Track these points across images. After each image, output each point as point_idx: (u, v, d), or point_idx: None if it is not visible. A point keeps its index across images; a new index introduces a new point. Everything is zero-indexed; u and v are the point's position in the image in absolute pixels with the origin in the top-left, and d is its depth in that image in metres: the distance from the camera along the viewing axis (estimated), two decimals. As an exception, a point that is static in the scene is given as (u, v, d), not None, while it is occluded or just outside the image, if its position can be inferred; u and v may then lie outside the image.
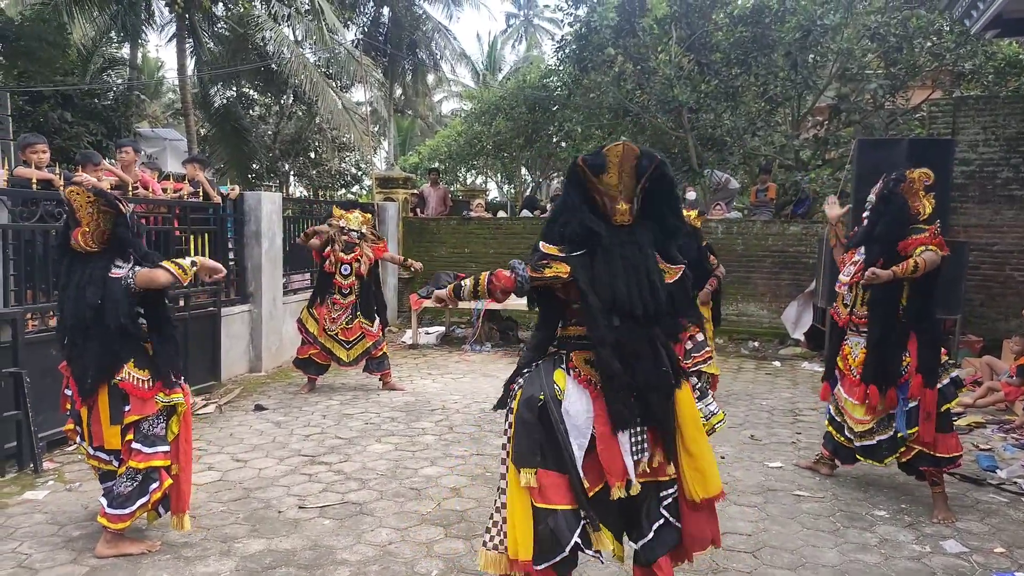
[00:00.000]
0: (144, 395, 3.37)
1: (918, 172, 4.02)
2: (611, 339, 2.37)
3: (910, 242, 3.88)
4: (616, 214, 2.43)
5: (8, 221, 4.76)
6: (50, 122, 11.98)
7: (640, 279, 2.39)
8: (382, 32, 22.27)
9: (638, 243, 2.43)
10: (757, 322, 9.75)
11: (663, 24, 11.01)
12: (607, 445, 2.41)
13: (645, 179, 2.40)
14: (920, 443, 3.91)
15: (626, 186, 2.40)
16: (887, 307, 3.93)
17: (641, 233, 2.45)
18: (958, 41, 9.65)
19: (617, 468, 2.41)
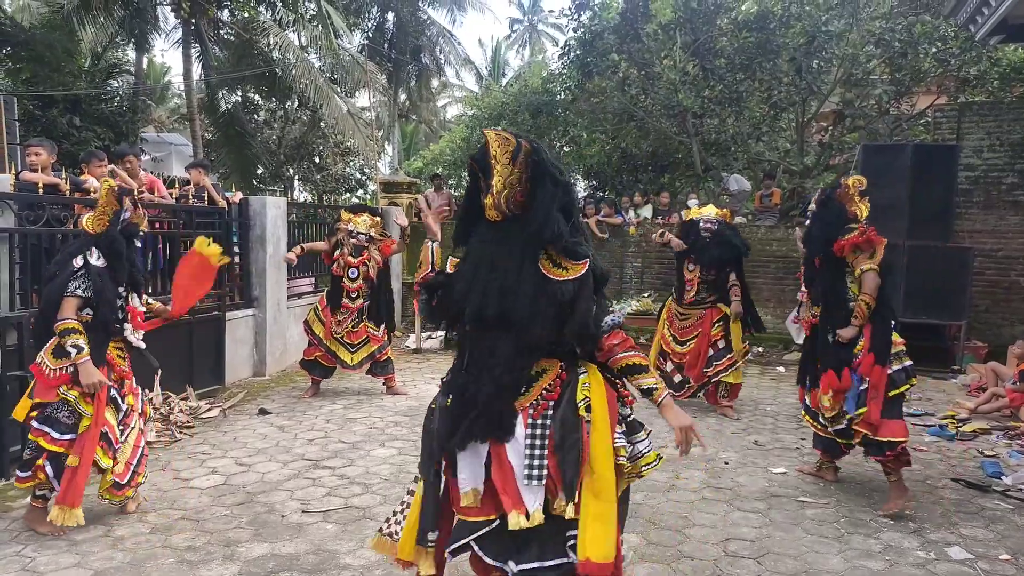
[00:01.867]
0: (46, 383, 3.55)
1: (852, 179, 4.27)
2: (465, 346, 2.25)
3: (843, 242, 4.10)
4: (486, 209, 2.22)
5: (14, 225, 4.78)
6: (58, 126, 12.04)
7: (493, 280, 2.16)
8: (387, 37, 22.34)
9: (506, 240, 2.20)
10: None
11: (667, 29, 11.03)
12: (499, 463, 2.20)
13: (520, 168, 2.17)
14: (865, 425, 3.98)
15: (502, 178, 2.17)
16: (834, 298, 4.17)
17: (514, 229, 2.20)
18: (963, 47, 9.64)
19: (511, 491, 2.17)
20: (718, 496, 4.28)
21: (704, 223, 6.12)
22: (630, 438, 2.39)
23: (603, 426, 2.25)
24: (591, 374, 2.34)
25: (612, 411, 2.32)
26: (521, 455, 2.19)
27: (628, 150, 13.23)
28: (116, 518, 3.84)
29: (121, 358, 3.85)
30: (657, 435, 5.58)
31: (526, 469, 2.17)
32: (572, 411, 2.23)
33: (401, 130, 26.11)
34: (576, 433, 2.20)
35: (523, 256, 2.18)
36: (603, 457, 2.21)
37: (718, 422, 5.98)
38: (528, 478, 2.17)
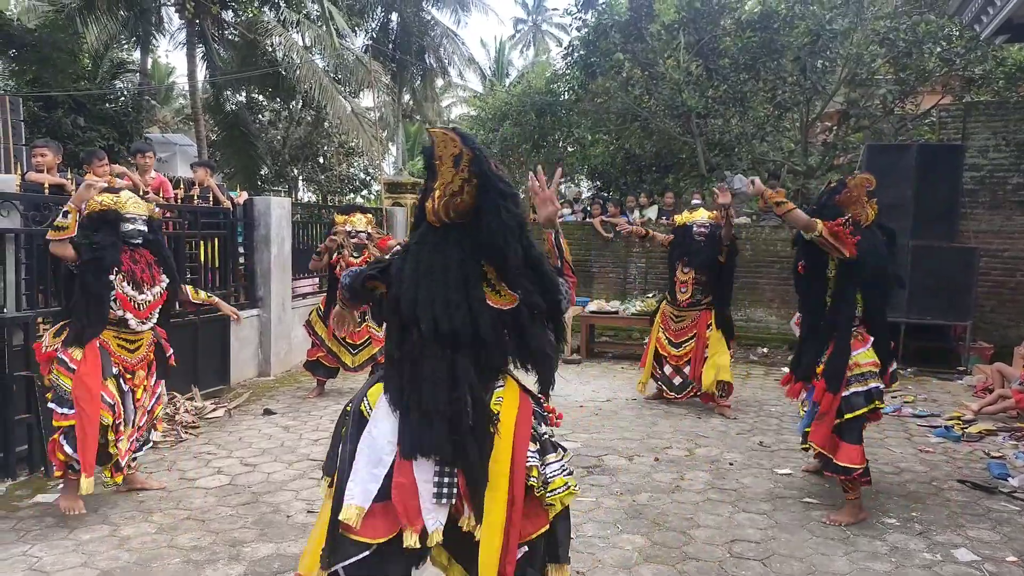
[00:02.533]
0: (40, 357, 3.82)
1: (858, 178, 4.01)
2: (398, 354, 2.11)
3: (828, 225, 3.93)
4: (427, 212, 2.09)
5: (20, 225, 4.79)
6: (63, 127, 12.09)
7: (434, 287, 2.04)
8: (391, 38, 22.34)
9: (442, 246, 2.06)
10: (765, 328, 9.71)
11: (671, 29, 11.02)
12: (403, 477, 2.07)
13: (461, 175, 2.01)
14: (817, 444, 3.96)
15: (443, 183, 2.02)
16: (812, 309, 4.08)
17: (453, 236, 2.06)
18: (968, 46, 9.62)
19: (411, 508, 2.05)
20: (723, 497, 4.28)
21: (697, 227, 6.21)
22: (542, 459, 2.18)
23: (506, 443, 2.10)
24: (507, 388, 2.21)
25: (523, 427, 2.16)
26: (430, 472, 2.06)
27: (632, 150, 13.22)
28: (122, 518, 3.85)
29: (127, 350, 3.89)
30: (659, 435, 5.60)
31: (434, 487, 2.06)
32: (483, 427, 2.11)
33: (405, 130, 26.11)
34: (485, 450, 2.09)
35: (464, 269, 2.05)
36: (499, 475, 2.07)
37: (723, 423, 5.98)
38: (437, 496, 2.06)
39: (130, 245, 3.87)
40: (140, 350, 3.97)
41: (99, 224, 3.77)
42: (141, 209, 3.92)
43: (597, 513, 4.01)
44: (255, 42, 16.10)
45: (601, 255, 10.67)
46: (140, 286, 3.88)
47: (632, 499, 4.23)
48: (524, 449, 2.14)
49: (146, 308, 3.92)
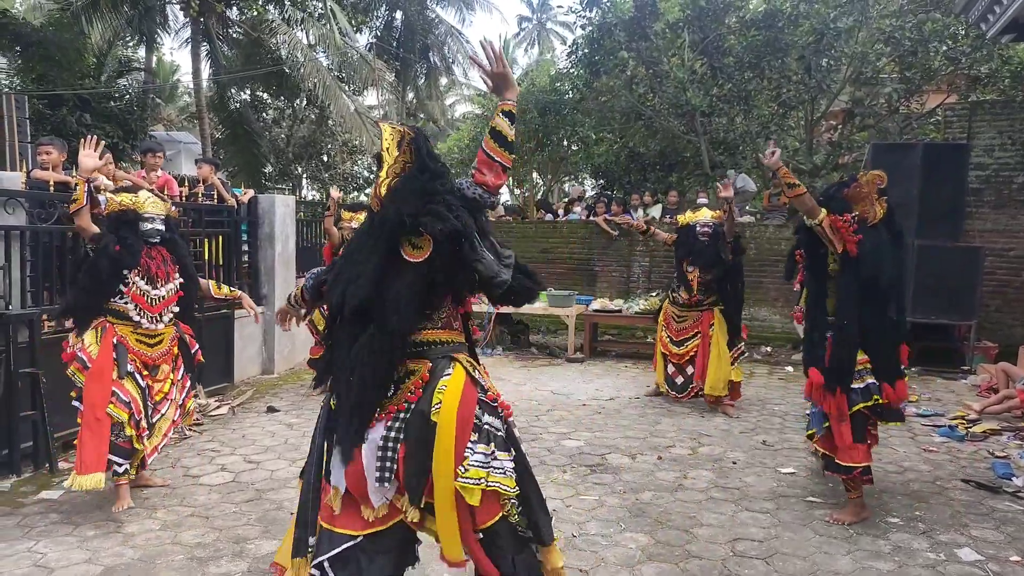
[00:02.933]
0: (64, 357, 3.88)
1: (870, 175, 3.95)
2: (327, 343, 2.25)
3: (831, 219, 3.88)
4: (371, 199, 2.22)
5: (25, 223, 4.81)
6: (68, 125, 12.11)
7: (347, 266, 2.17)
8: (395, 36, 22.34)
9: (372, 230, 2.17)
10: (769, 327, 9.70)
11: (675, 28, 11.00)
12: (354, 463, 2.17)
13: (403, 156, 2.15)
14: (823, 444, 3.94)
15: (387, 167, 2.16)
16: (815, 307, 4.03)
17: (383, 216, 2.15)
18: (974, 45, 9.58)
19: (361, 491, 2.16)
20: (726, 496, 4.28)
21: (701, 227, 6.22)
22: (475, 447, 2.16)
23: (447, 432, 2.12)
24: (454, 375, 2.21)
25: (465, 417, 2.15)
26: (374, 455, 2.15)
27: (636, 149, 13.21)
28: (126, 514, 3.87)
29: (146, 345, 3.93)
30: (662, 433, 5.60)
31: (377, 471, 2.14)
32: (422, 413, 2.15)
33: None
34: (424, 435, 2.13)
35: (378, 243, 2.13)
36: (442, 463, 2.11)
37: (726, 422, 5.97)
38: (379, 480, 2.14)
39: (147, 243, 3.92)
40: (161, 344, 4.01)
41: (119, 224, 3.84)
42: (159, 208, 3.99)
43: (600, 511, 4.01)
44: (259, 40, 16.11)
45: (604, 254, 10.67)
46: (154, 281, 3.92)
47: (635, 498, 4.23)
48: (465, 439, 2.14)
49: (159, 304, 3.95)
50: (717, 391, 6.14)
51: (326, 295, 2.28)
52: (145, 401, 3.91)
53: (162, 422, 4.01)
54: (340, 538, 2.17)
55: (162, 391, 4.00)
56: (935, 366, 7.99)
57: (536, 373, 8.04)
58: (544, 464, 4.83)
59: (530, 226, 11.44)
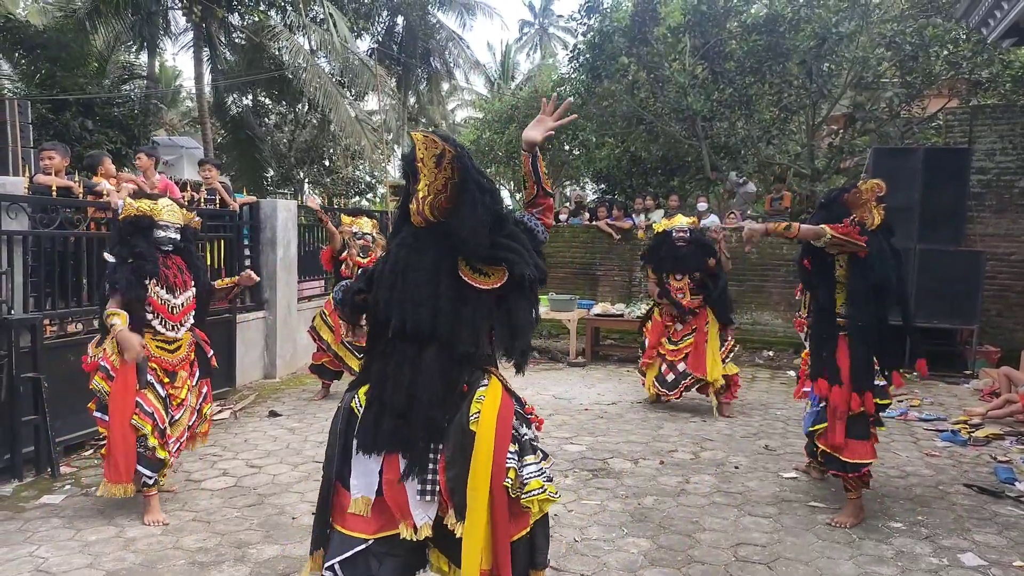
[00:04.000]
0: (87, 367, 3.90)
1: (870, 183, 4.00)
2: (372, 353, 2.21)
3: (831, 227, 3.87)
4: (411, 214, 2.17)
5: (28, 228, 4.82)
6: (71, 130, 12.15)
7: (407, 287, 2.12)
8: (396, 41, 22.41)
9: (420, 246, 2.15)
10: (771, 331, 9.69)
11: (676, 33, 11.02)
12: (391, 473, 2.16)
13: (444, 173, 2.11)
14: (827, 443, 3.92)
15: (427, 183, 2.12)
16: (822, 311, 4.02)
17: (433, 235, 2.14)
18: (975, 49, 9.59)
19: (402, 503, 2.15)
20: (728, 501, 4.27)
21: (677, 232, 6.30)
22: (521, 460, 2.18)
23: (486, 442, 2.12)
24: (491, 386, 2.23)
25: (504, 427, 2.16)
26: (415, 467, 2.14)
27: (637, 154, 13.22)
28: (128, 519, 3.86)
29: (167, 351, 3.93)
30: (664, 438, 5.59)
31: (419, 484, 2.13)
32: (460, 424, 2.15)
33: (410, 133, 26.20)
34: (463, 445, 2.12)
35: (438, 265, 2.13)
36: (480, 473, 2.10)
37: (728, 426, 5.96)
38: (421, 493, 2.13)
39: (160, 251, 3.92)
40: (180, 351, 4.01)
41: (133, 230, 3.84)
42: (176, 217, 3.98)
43: (602, 516, 4.01)
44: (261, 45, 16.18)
45: (606, 258, 10.66)
46: (173, 290, 3.93)
47: (637, 502, 4.22)
48: (504, 449, 2.15)
49: (179, 312, 3.96)
50: (718, 379, 6.18)
51: (380, 311, 2.19)
52: (167, 410, 3.92)
53: (176, 427, 4.00)
54: (352, 541, 2.18)
55: (179, 397, 4.00)
56: (937, 370, 7.97)
57: (538, 377, 8.03)
58: (546, 469, 4.82)
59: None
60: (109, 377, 3.79)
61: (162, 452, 3.87)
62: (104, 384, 3.80)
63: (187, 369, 4.07)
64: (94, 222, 5.59)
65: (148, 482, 3.83)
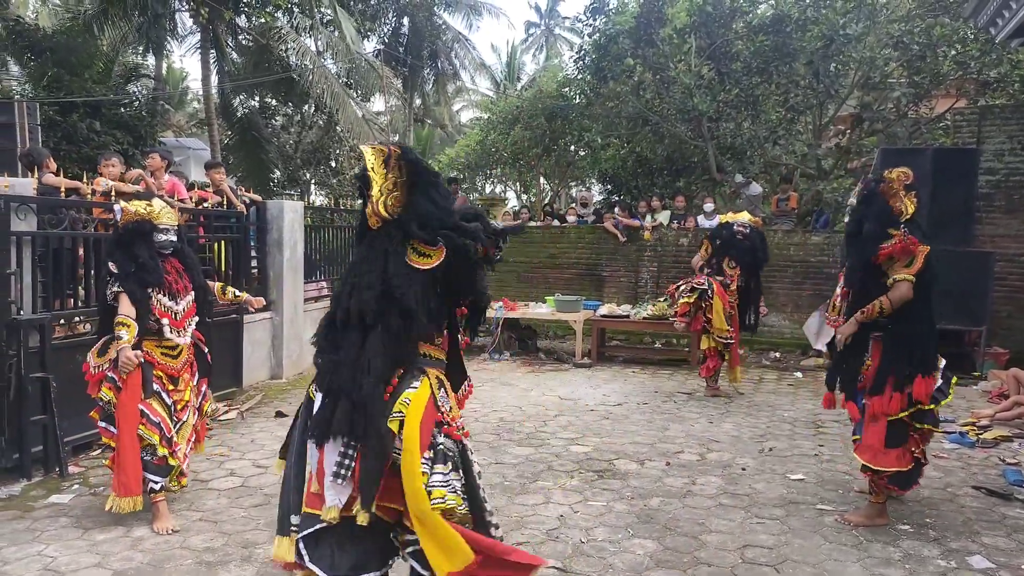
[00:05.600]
0: (89, 378, 3.88)
1: (896, 171, 3.97)
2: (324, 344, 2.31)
3: (882, 251, 3.79)
4: (368, 218, 2.30)
5: (36, 228, 4.84)
6: (79, 131, 12.19)
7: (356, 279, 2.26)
8: (402, 42, 22.44)
9: (373, 242, 2.28)
10: (778, 332, 9.67)
11: (682, 34, 11.00)
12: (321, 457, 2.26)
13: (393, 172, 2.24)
14: (862, 452, 3.86)
15: (378, 185, 2.24)
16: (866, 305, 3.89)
17: (386, 231, 2.26)
18: (983, 49, 9.55)
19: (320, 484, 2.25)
20: (735, 503, 4.26)
21: (738, 227, 6.79)
22: (432, 468, 2.23)
23: (412, 447, 2.17)
24: (420, 389, 2.28)
25: (425, 434, 2.22)
26: (336, 452, 2.21)
27: (643, 154, 13.20)
28: (136, 519, 3.87)
29: (170, 357, 3.93)
30: (671, 439, 5.58)
31: (335, 467, 2.20)
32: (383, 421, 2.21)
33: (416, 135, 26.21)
34: (380, 443, 2.18)
35: (387, 253, 2.24)
36: (413, 478, 2.15)
37: (735, 428, 5.95)
38: (335, 476, 2.20)
39: (161, 255, 3.90)
40: (183, 355, 4.01)
41: (134, 236, 3.80)
42: (172, 219, 3.98)
43: (608, 517, 4.00)
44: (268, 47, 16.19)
45: (613, 259, 10.65)
46: (175, 297, 3.92)
47: (643, 504, 4.21)
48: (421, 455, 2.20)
49: (182, 318, 3.95)
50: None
51: (332, 303, 2.36)
52: (172, 417, 3.91)
53: (185, 428, 4.00)
54: (312, 519, 2.26)
55: (183, 399, 4.00)
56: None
57: (544, 378, 8.03)
58: (552, 470, 4.82)
59: (537, 232, 11.43)
60: (117, 388, 3.75)
61: (172, 460, 3.85)
62: (111, 395, 3.77)
63: (188, 371, 4.07)
64: (101, 223, 5.62)
65: (155, 487, 3.79)
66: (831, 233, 9.69)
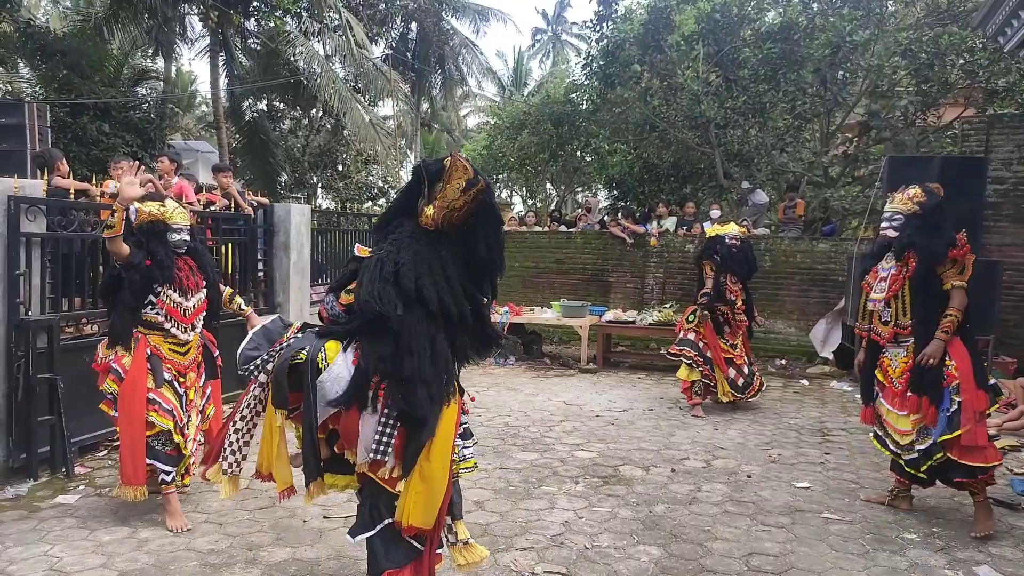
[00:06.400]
0: (97, 368, 3.95)
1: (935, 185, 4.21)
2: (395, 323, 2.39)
3: (951, 253, 4.01)
4: (420, 215, 2.44)
5: (45, 230, 4.87)
6: (88, 133, 12.28)
7: (437, 276, 2.38)
8: (410, 47, 22.52)
9: (436, 245, 2.43)
10: (785, 340, 9.64)
11: (690, 41, 11.01)
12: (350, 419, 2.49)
13: (466, 199, 2.37)
14: (954, 449, 3.81)
15: (447, 199, 2.38)
16: (931, 322, 3.97)
17: (444, 241, 2.44)
18: (991, 58, 9.52)
19: (351, 439, 2.51)
20: (741, 510, 4.24)
21: (730, 239, 6.62)
22: (463, 442, 2.75)
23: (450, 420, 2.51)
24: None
25: (457, 418, 2.60)
26: (373, 428, 2.44)
27: (650, 160, 13.20)
28: (141, 520, 3.89)
29: (179, 353, 3.97)
30: (676, 446, 5.56)
31: (375, 444, 2.43)
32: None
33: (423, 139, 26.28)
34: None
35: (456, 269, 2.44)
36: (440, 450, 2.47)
37: (740, 435, 5.93)
38: (375, 452, 2.44)
39: (175, 254, 3.94)
40: (191, 353, 4.05)
41: (149, 235, 3.84)
42: (186, 219, 4.02)
43: (613, 523, 3.99)
44: (276, 51, 16.29)
45: (619, 264, 10.65)
46: (186, 293, 3.96)
47: (649, 510, 4.20)
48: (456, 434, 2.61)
49: (191, 314, 3.99)
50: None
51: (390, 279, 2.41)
52: (184, 407, 3.96)
53: (188, 428, 4.03)
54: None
55: (188, 398, 4.03)
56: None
57: (549, 383, 8.02)
58: (556, 475, 4.81)
59: (544, 236, 11.44)
60: (120, 379, 3.81)
61: (185, 450, 3.89)
62: (115, 386, 3.83)
63: (195, 371, 4.10)
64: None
65: (166, 479, 3.82)
66: (838, 241, 9.67)
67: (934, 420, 3.89)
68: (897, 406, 4.08)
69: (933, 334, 3.93)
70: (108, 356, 3.89)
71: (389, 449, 2.45)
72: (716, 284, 6.50)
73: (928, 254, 4.00)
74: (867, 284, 4.31)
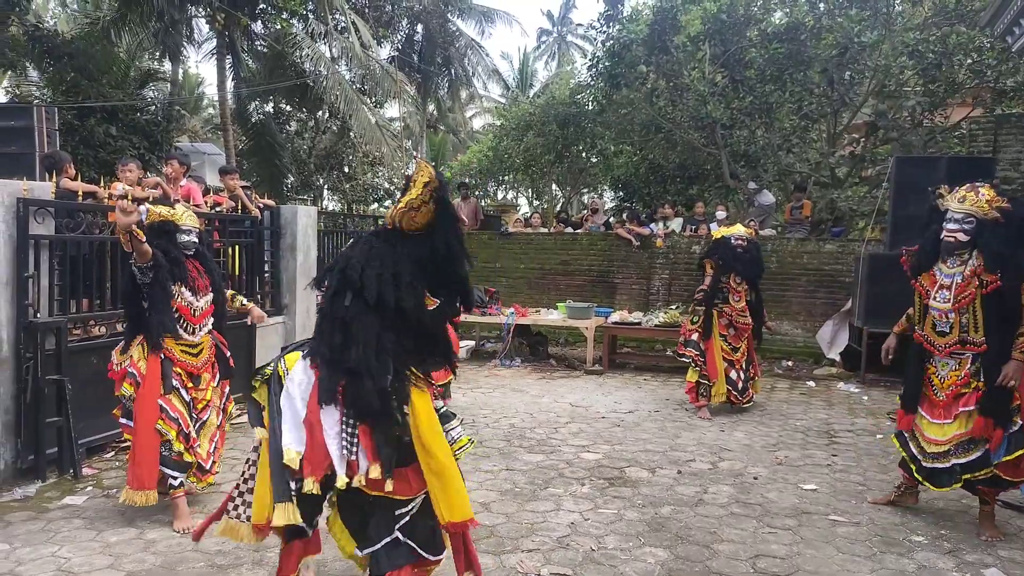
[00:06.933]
0: (112, 375, 3.96)
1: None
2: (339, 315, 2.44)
3: None
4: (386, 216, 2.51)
5: (54, 232, 4.89)
6: (95, 136, 12.33)
7: (383, 269, 2.40)
8: (416, 49, 22.56)
9: (393, 242, 2.45)
10: (791, 341, 9.62)
11: (696, 41, 11.00)
12: (312, 431, 2.46)
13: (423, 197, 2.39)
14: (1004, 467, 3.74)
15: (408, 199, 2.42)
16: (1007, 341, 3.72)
17: (406, 241, 2.45)
18: (999, 58, 9.48)
19: (318, 457, 2.45)
20: (747, 512, 4.23)
21: (736, 240, 6.54)
22: (444, 427, 2.65)
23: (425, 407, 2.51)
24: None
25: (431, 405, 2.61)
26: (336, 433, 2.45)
27: (656, 161, 13.19)
28: (148, 521, 3.90)
29: (191, 355, 4.00)
30: (682, 447, 5.55)
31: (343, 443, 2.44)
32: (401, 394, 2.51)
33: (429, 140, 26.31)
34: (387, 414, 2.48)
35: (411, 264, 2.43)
36: (436, 442, 2.50)
37: (747, 437, 5.92)
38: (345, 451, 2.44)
39: (185, 255, 3.99)
40: (203, 354, 4.08)
41: (158, 236, 3.89)
42: (194, 221, 4.08)
43: (619, 525, 3.99)
44: (283, 53, 16.32)
45: (624, 266, 10.64)
46: (196, 293, 4.01)
47: (655, 512, 4.20)
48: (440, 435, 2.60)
49: (200, 315, 4.03)
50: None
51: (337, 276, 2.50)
52: (191, 414, 3.98)
53: (207, 428, 4.07)
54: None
55: (205, 399, 4.08)
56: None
57: (554, 385, 8.02)
58: (562, 476, 4.81)
59: (550, 238, 11.44)
60: (137, 383, 3.84)
61: (189, 456, 3.91)
62: (132, 390, 3.86)
63: (209, 371, 4.14)
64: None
65: (174, 483, 3.86)
66: (845, 242, 9.64)
67: (998, 442, 3.72)
68: (938, 416, 3.90)
69: (1008, 353, 3.67)
70: (123, 362, 3.92)
71: (355, 449, 2.45)
72: (713, 282, 6.50)
73: (1020, 272, 3.67)
74: (921, 287, 4.01)
